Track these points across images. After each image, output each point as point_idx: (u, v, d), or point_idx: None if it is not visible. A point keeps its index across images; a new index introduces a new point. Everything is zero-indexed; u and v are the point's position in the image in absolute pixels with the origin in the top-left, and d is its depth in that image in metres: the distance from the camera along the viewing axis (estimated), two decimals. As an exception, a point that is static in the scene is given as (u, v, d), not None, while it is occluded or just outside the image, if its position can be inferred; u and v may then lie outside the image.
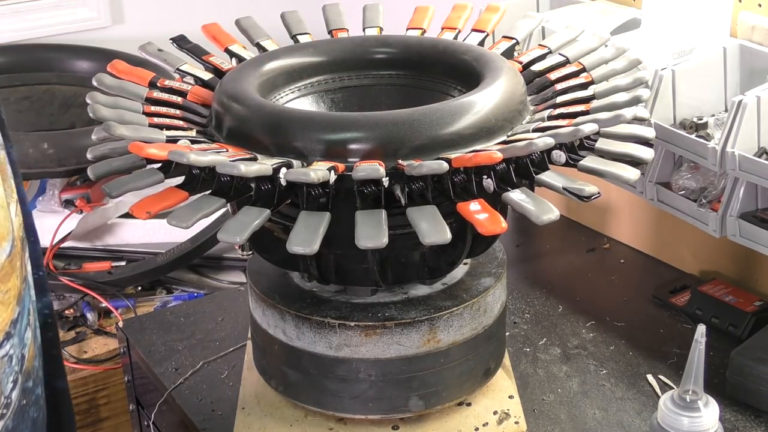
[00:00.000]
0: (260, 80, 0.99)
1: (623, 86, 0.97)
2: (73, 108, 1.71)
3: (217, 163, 0.80)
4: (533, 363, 1.14)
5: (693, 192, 1.15)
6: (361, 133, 0.86)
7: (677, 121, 1.16)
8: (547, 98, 0.99)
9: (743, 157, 1.03)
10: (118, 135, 0.88)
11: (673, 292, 1.26)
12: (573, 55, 1.04)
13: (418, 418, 0.99)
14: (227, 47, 1.11)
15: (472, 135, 0.88)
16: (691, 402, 0.85)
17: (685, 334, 1.18)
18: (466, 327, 0.96)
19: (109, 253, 1.53)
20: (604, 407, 1.06)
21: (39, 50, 1.75)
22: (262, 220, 0.80)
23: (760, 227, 1.06)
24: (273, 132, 0.89)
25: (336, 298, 0.96)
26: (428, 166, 0.81)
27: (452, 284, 0.98)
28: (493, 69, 0.96)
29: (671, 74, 1.13)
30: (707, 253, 1.28)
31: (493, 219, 0.79)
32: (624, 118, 0.88)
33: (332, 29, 1.13)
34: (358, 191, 0.83)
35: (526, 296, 1.28)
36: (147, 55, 1.10)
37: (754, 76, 1.17)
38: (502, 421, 0.99)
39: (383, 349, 0.93)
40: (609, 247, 1.41)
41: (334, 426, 0.99)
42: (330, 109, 1.06)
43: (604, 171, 0.84)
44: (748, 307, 1.17)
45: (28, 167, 1.47)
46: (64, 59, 1.74)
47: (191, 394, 1.10)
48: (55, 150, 1.46)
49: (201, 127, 0.98)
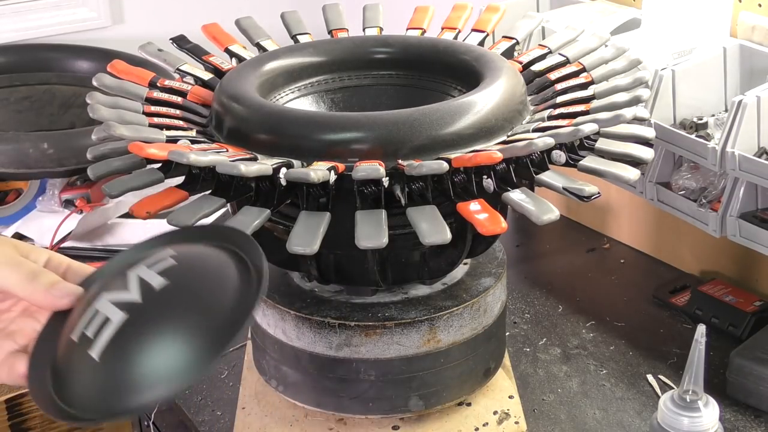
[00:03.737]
0: (260, 80, 0.99)
1: (623, 86, 0.97)
2: (73, 108, 1.71)
3: (217, 163, 0.80)
4: (533, 363, 1.14)
5: (693, 192, 1.15)
6: (361, 133, 0.86)
7: (677, 121, 1.16)
8: (547, 98, 0.99)
9: (743, 157, 1.03)
10: (118, 135, 0.88)
11: (673, 292, 1.26)
12: (573, 55, 1.04)
13: (418, 418, 0.99)
14: (227, 47, 1.11)
15: (472, 135, 0.88)
16: (691, 402, 0.85)
17: (685, 334, 1.18)
18: (466, 327, 0.96)
19: (109, 253, 1.53)
20: (604, 407, 1.06)
21: (39, 50, 1.75)
22: (262, 220, 0.80)
23: (760, 227, 1.06)
24: (273, 132, 0.89)
25: (336, 298, 0.96)
26: (428, 166, 0.81)
27: (452, 284, 0.98)
28: (493, 69, 0.96)
29: (671, 74, 1.13)
30: (707, 253, 1.28)
31: (493, 219, 0.78)
32: (624, 118, 0.88)
33: (332, 29, 1.13)
34: (358, 191, 0.83)
35: (526, 296, 1.28)
36: (147, 55, 1.10)
37: (754, 76, 1.17)
38: (502, 421, 0.99)
39: (383, 349, 0.93)
40: (609, 247, 1.41)
41: (334, 426, 0.99)
42: (330, 109, 1.06)
43: (604, 171, 0.84)
44: (748, 307, 1.17)
45: (28, 167, 1.47)
46: (64, 59, 1.74)
47: (191, 394, 1.10)
48: (55, 150, 1.46)
49: (201, 127, 0.98)
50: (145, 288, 0.65)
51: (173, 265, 0.66)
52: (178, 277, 0.66)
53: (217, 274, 0.66)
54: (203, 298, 0.65)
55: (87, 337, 0.65)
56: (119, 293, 0.66)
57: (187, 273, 0.67)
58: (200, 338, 0.63)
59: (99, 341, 0.64)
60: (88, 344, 0.64)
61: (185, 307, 0.64)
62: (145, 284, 0.65)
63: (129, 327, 0.64)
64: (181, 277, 0.66)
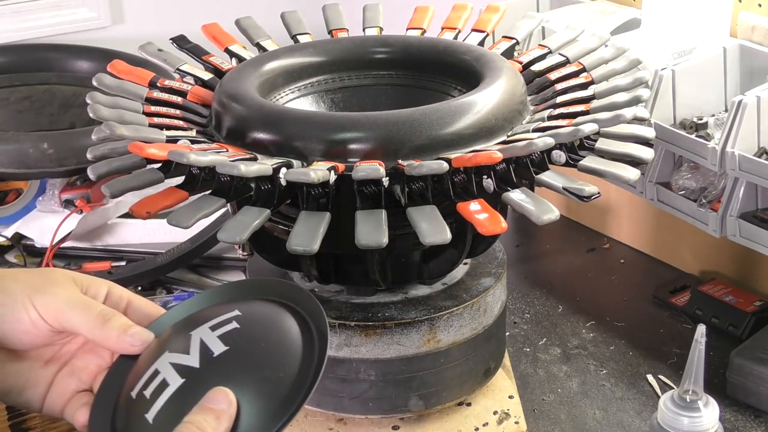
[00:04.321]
0: (260, 80, 0.99)
1: (623, 86, 0.97)
2: (73, 108, 1.71)
3: (217, 163, 0.80)
4: (533, 363, 1.14)
5: (693, 192, 1.15)
6: (361, 133, 0.86)
7: (677, 121, 1.16)
8: (547, 98, 0.99)
9: (743, 157, 1.03)
10: (118, 135, 0.88)
11: (673, 292, 1.26)
12: (573, 55, 1.04)
13: (418, 418, 0.99)
14: (227, 47, 1.11)
15: (472, 135, 0.88)
16: (691, 402, 0.85)
17: (685, 334, 1.18)
18: (466, 327, 0.96)
19: (109, 253, 1.53)
20: (604, 407, 1.06)
21: (39, 50, 1.75)
22: (262, 220, 0.80)
23: (760, 227, 1.06)
24: (273, 132, 0.89)
25: (336, 298, 0.96)
26: (428, 166, 0.81)
27: (452, 284, 0.98)
28: (493, 69, 0.96)
29: (671, 74, 1.13)
30: (707, 253, 1.28)
31: (493, 219, 0.78)
32: (624, 118, 0.88)
33: (332, 29, 1.13)
34: (358, 191, 0.83)
35: (526, 296, 1.28)
36: (147, 55, 1.10)
37: (754, 76, 1.17)
38: (502, 421, 0.99)
39: (383, 349, 0.93)
40: (609, 247, 1.41)
41: (334, 426, 0.99)
42: (330, 109, 1.06)
43: (604, 171, 0.84)
44: (748, 307, 1.17)
45: (28, 167, 1.47)
46: (64, 59, 1.74)
47: (191, 394, 1.10)
48: (55, 150, 1.46)
49: (201, 127, 0.98)
50: (204, 353, 0.66)
51: (235, 329, 0.67)
52: (240, 343, 0.66)
53: (280, 341, 0.66)
54: (263, 367, 0.65)
55: (144, 398, 0.65)
56: (180, 356, 0.66)
57: (249, 338, 0.67)
58: (256, 408, 0.63)
59: (155, 404, 0.64)
60: (144, 405, 0.65)
61: (242, 376, 0.64)
62: (205, 349, 0.66)
63: (185, 392, 0.64)
64: (243, 342, 0.66)
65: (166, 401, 0.64)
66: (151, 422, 0.64)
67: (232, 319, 0.68)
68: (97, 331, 0.68)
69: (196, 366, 0.65)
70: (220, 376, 0.64)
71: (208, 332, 0.67)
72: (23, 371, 0.70)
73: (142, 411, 0.65)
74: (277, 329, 0.68)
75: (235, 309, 0.69)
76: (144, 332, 0.70)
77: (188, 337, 0.67)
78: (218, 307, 0.71)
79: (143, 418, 0.64)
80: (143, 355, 0.69)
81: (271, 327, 0.68)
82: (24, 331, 0.68)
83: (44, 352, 0.71)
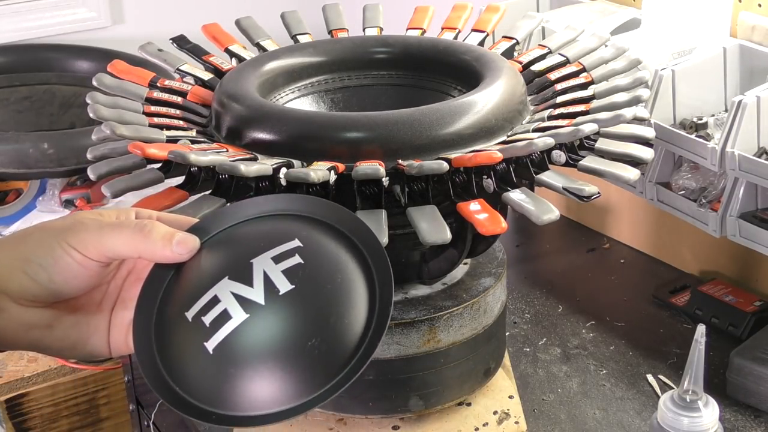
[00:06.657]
0: (260, 80, 0.99)
1: (623, 86, 0.97)
2: (73, 108, 1.71)
3: (217, 163, 0.80)
4: (533, 363, 1.14)
5: (693, 192, 1.15)
6: (361, 133, 0.86)
7: (677, 121, 1.16)
8: (547, 98, 0.99)
9: (743, 157, 1.03)
10: (118, 135, 0.88)
11: (673, 292, 1.26)
12: (573, 55, 1.04)
13: (418, 418, 0.99)
14: (227, 47, 1.11)
15: (472, 135, 0.88)
16: (691, 402, 0.85)
17: (685, 334, 1.18)
18: (466, 327, 0.96)
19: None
20: (604, 407, 1.06)
21: (39, 50, 1.75)
22: (262, 220, 0.80)
23: (760, 227, 1.06)
24: (273, 132, 0.89)
25: (336, 298, 0.96)
26: (428, 166, 0.81)
27: (452, 284, 0.98)
28: (493, 69, 0.96)
29: (671, 74, 1.13)
30: (707, 253, 1.28)
31: (493, 219, 0.78)
32: (624, 118, 0.88)
33: (332, 29, 1.13)
34: (358, 191, 0.83)
35: (526, 296, 1.28)
36: (147, 55, 1.10)
37: (754, 76, 1.17)
38: (502, 421, 0.99)
39: (383, 349, 0.93)
40: (609, 247, 1.41)
41: (334, 426, 0.99)
42: (330, 109, 1.06)
43: (604, 171, 0.84)
44: (748, 307, 1.17)
45: (28, 167, 1.47)
46: (64, 59, 1.74)
47: (191, 394, 1.10)
48: (55, 150, 1.46)
49: (201, 127, 0.98)
50: (268, 288, 0.63)
51: (299, 265, 0.63)
52: (306, 282, 0.63)
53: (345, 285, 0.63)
54: (328, 315, 0.62)
55: (203, 325, 0.62)
56: (242, 287, 0.63)
57: (314, 279, 0.63)
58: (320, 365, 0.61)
59: (216, 335, 0.62)
60: (203, 333, 0.62)
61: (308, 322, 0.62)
62: (270, 284, 0.63)
63: (250, 330, 0.62)
64: (309, 282, 0.63)
65: (228, 335, 0.61)
66: (211, 353, 0.61)
67: (294, 251, 0.64)
68: (140, 245, 0.65)
69: (261, 302, 0.62)
70: (286, 320, 0.62)
71: (270, 264, 0.63)
72: (81, 321, 0.69)
73: (200, 339, 0.62)
74: (341, 270, 0.64)
75: (295, 238, 0.65)
76: (189, 237, 0.66)
77: (249, 266, 0.63)
78: (272, 227, 0.66)
79: (202, 347, 0.62)
80: (189, 265, 0.66)
81: (336, 267, 0.64)
82: (74, 275, 0.66)
83: (95, 295, 0.70)
